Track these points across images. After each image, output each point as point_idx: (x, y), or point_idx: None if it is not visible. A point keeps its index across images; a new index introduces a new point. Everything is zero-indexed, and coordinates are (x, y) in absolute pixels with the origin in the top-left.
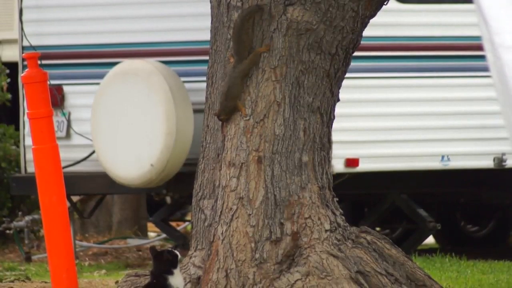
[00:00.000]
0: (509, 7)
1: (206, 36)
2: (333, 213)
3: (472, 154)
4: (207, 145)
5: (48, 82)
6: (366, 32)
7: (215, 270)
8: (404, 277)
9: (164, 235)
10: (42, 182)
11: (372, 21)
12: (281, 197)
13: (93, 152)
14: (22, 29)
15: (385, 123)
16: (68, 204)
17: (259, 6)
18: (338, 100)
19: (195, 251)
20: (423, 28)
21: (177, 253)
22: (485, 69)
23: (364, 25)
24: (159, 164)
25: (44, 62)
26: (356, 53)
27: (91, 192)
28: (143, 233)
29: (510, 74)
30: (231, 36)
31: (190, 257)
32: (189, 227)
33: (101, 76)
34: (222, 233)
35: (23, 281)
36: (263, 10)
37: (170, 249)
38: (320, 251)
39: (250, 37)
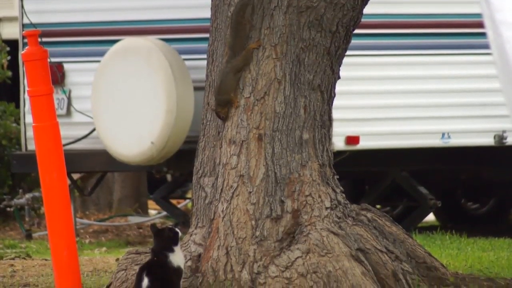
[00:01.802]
0: None
1: (207, 13)
2: (334, 190)
3: (473, 132)
4: (208, 123)
5: (49, 60)
6: (367, 10)
7: (216, 247)
8: (404, 254)
9: (164, 213)
10: (42, 160)
11: None
12: (282, 174)
13: (94, 129)
14: (22, 6)
15: (386, 101)
16: (68, 181)
17: None
18: (339, 77)
19: (195, 228)
20: (423, 6)
21: (178, 230)
22: (486, 46)
23: (365, 2)
24: (160, 141)
25: (44, 39)
26: (356, 31)
27: (92, 170)
28: (144, 211)
29: (510, 51)
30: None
31: (191, 235)
32: (189, 204)
33: (101, 54)
34: (222, 210)
35: (24, 258)
36: (252, 2)
37: (170, 226)
38: (321, 229)
39: (246, 32)
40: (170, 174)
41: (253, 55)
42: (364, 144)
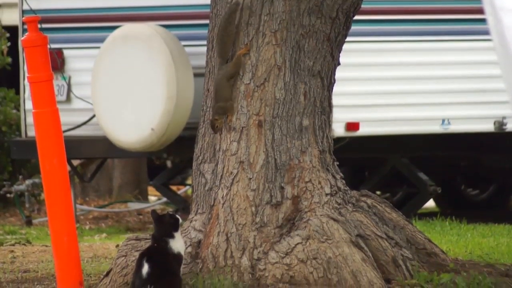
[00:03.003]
0: None
1: None
2: (334, 177)
3: (473, 118)
4: (208, 109)
5: (48, 46)
6: None
7: (216, 234)
8: (404, 240)
9: (164, 199)
10: (42, 146)
11: None
12: (282, 161)
13: (94, 116)
14: None
15: (386, 87)
16: (68, 168)
17: (237, 2)
18: (339, 64)
19: (195, 215)
20: None
21: (178, 217)
22: (486, 32)
23: None
24: (160, 128)
25: (44, 25)
26: (356, 17)
27: (92, 156)
28: (144, 197)
29: (510, 37)
30: (214, 37)
31: (191, 221)
32: (189, 191)
33: (101, 40)
34: (222, 197)
35: (24, 244)
36: (240, 6)
37: (171, 213)
38: (321, 215)
39: (232, 38)
40: (170, 160)
41: (243, 61)
42: (364, 130)
